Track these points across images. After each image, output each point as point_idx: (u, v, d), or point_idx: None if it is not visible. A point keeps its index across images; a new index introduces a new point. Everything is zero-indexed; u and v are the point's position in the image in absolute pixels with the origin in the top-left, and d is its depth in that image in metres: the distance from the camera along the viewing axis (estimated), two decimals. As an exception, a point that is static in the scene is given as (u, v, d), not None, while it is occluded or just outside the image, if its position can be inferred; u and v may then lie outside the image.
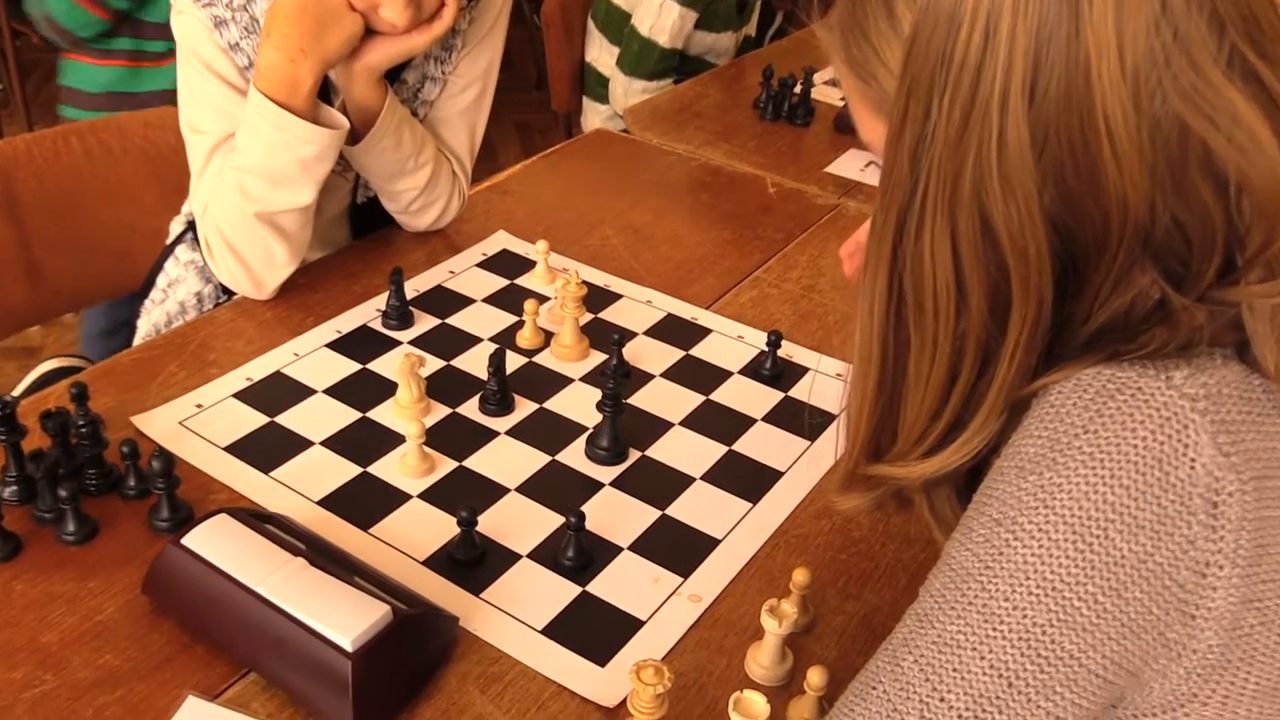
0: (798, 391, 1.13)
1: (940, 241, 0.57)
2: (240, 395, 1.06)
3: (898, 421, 0.64)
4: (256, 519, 0.85)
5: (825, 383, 1.14)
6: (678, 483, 1.00)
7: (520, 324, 1.19)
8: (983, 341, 0.59)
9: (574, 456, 1.02)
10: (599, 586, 0.88)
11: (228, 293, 1.29)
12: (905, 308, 0.60)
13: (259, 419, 1.03)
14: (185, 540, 0.82)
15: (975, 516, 0.57)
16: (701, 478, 1.00)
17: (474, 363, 1.13)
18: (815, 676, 0.76)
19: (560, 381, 1.12)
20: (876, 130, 0.63)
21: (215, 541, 0.81)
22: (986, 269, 0.57)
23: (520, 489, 0.98)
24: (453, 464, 1.00)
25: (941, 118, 0.55)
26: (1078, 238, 0.56)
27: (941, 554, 0.59)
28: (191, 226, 1.32)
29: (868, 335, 0.63)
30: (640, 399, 1.10)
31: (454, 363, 1.14)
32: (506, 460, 1.01)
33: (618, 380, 1.00)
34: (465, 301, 1.24)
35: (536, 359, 1.15)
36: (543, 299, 1.23)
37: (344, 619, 0.75)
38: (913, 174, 0.57)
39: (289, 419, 1.04)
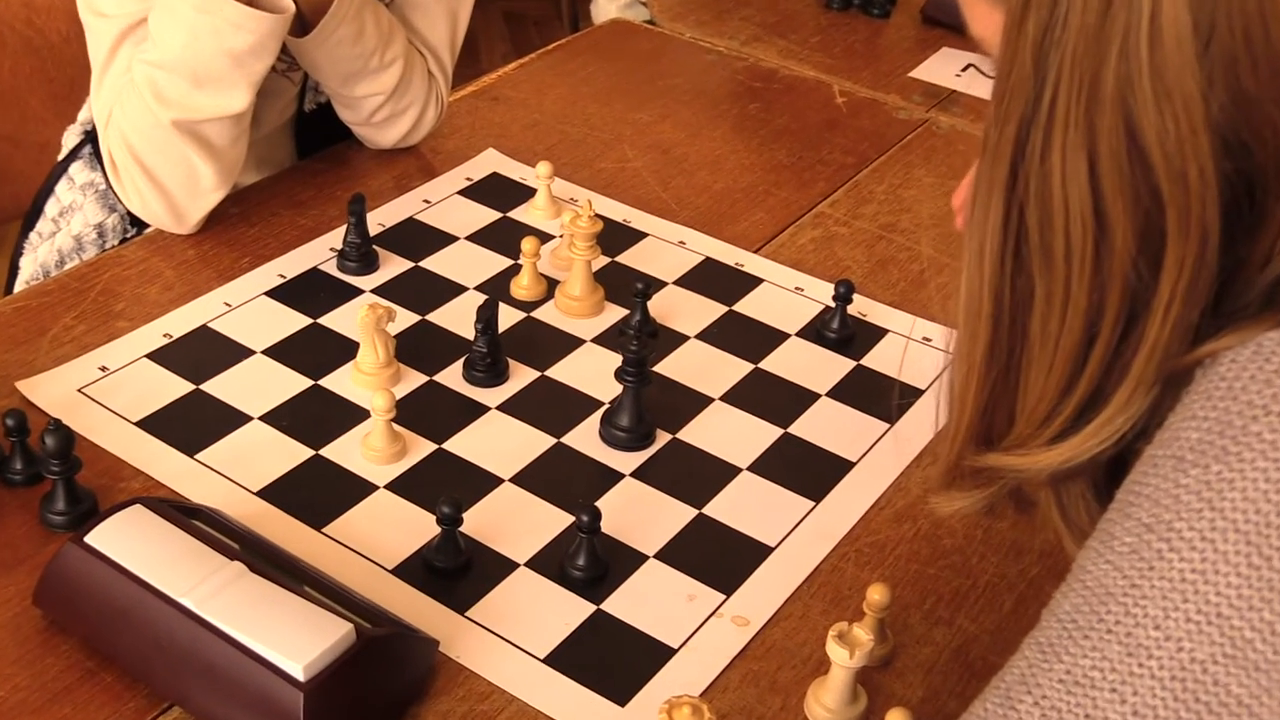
0: (873, 359, 1.12)
1: (1074, 162, 0.57)
2: (156, 356, 1.07)
3: (1015, 398, 0.64)
4: (180, 513, 0.85)
5: (910, 348, 1.14)
6: (718, 474, 1.00)
7: (516, 269, 1.19)
8: (1129, 291, 0.58)
9: (585, 439, 1.02)
10: (618, 604, 0.89)
11: (138, 224, 1.29)
12: (1027, 249, 0.60)
13: (181, 386, 1.04)
14: (89, 538, 0.82)
15: (1118, 520, 0.57)
16: (749, 468, 1.00)
17: (457, 318, 1.13)
18: (896, 722, 0.76)
19: (567, 343, 1.12)
20: (990, 19, 0.62)
21: (128, 540, 0.82)
22: (1134, 196, 0.57)
23: (516, 479, 0.98)
24: (430, 446, 1.00)
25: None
26: (1255, 157, 0.56)
27: (1072, 568, 0.59)
28: (91, 139, 1.32)
29: (977, 286, 0.63)
30: (670, 366, 1.10)
31: (430, 317, 1.14)
32: (499, 442, 1.01)
33: (642, 342, 1.00)
34: (445, 239, 1.24)
35: (537, 313, 1.15)
36: (545, 237, 1.22)
37: (294, 640, 0.75)
38: (1037, 75, 0.57)
39: (219, 387, 1.04)
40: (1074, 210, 0.58)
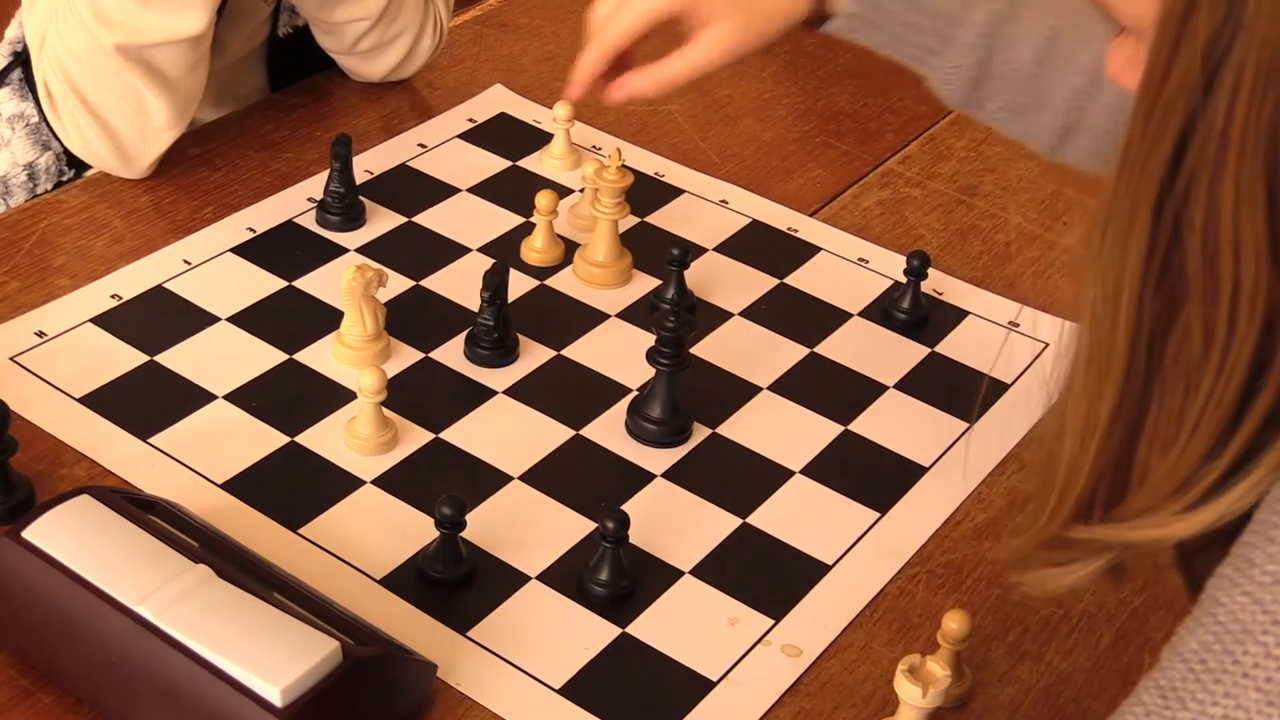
0: (949, 346, 1.13)
1: (1251, 189, 0.56)
2: (103, 321, 1.07)
3: (1143, 462, 0.63)
4: (134, 505, 0.85)
5: (990, 333, 1.14)
6: (766, 477, 1.00)
7: (529, 228, 1.19)
8: None
9: (610, 431, 1.02)
10: (646, 627, 0.89)
11: (76, 164, 1.29)
12: (1179, 287, 0.59)
13: (133, 357, 1.04)
14: (26, 533, 0.82)
15: (1259, 545, 0.57)
16: (802, 471, 1.01)
17: (458, 284, 1.14)
18: (977, 774, 0.76)
19: (589, 317, 1.12)
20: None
21: (73, 535, 0.82)
22: None
23: (527, 477, 0.98)
24: (427, 435, 1.01)
25: None
26: None
27: (1200, 599, 0.59)
28: (21, 61, 1.32)
29: (1108, 331, 0.61)
30: (710, 348, 1.10)
31: (427, 283, 1.14)
32: (507, 433, 1.01)
33: (678, 319, 1.00)
34: (444, 191, 1.24)
35: (552, 281, 1.16)
36: (563, 191, 1.23)
37: (270, 658, 0.76)
38: (1207, 84, 0.56)
39: (177, 359, 1.04)
40: (1246, 244, 0.57)
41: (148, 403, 1.01)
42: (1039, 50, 0.97)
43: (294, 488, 0.96)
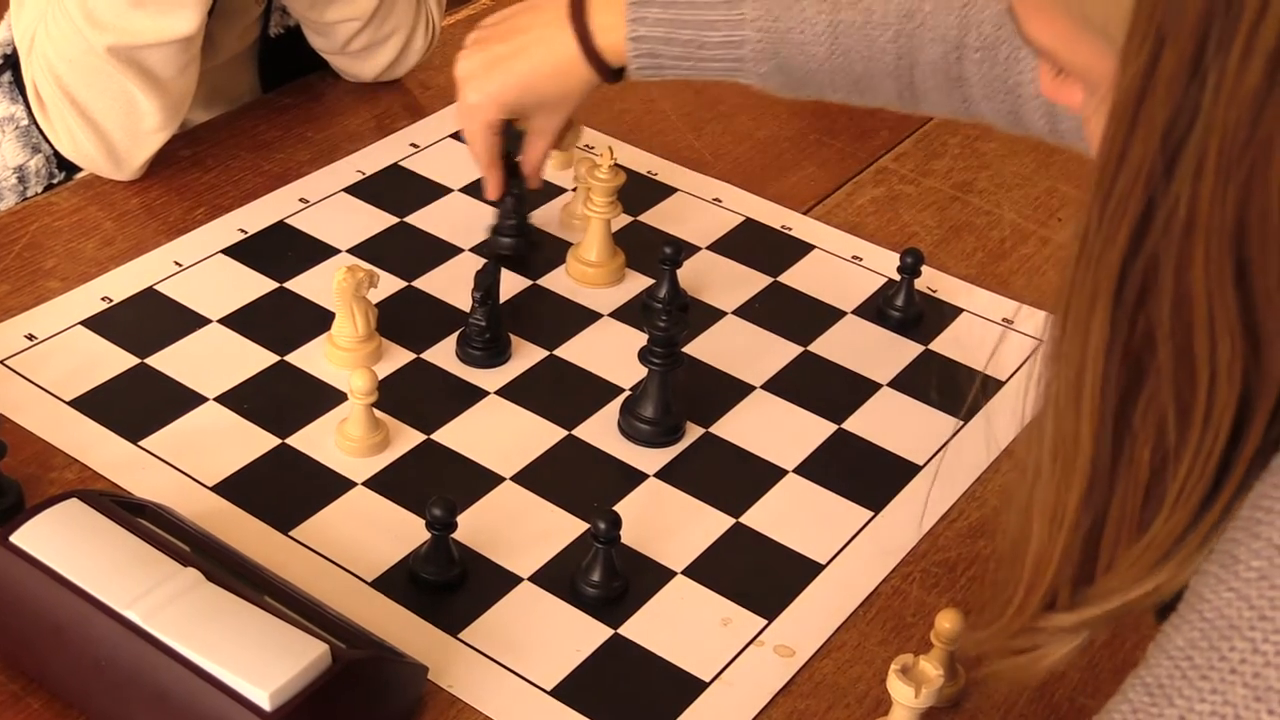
0: (944, 344, 1.13)
1: (1220, 261, 0.55)
2: (94, 323, 1.07)
3: (1100, 547, 0.63)
4: (123, 509, 0.85)
5: (986, 330, 1.14)
6: (759, 476, 1.00)
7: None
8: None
9: (602, 431, 1.02)
10: (639, 628, 0.89)
11: (66, 167, 1.29)
12: (1145, 368, 0.59)
13: (123, 360, 1.04)
14: (15, 537, 0.82)
15: (1243, 540, 0.57)
16: (795, 470, 1.01)
17: (449, 284, 1.14)
18: (970, 774, 0.76)
19: (582, 316, 1.12)
20: (1094, 59, 0.61)
21: (61, 539, 0.82)
22: None
23: (519, 478, 0.98)
24: (418, 436, 1.01)
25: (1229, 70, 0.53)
26: None
27: (1185, 595, 0.59)
28: (10, 63, 1.32)
29: (1072, 424, 0.61)
30: (703, 347, 1.10)
31: (418, 283, 1.14)
32: (499, 433, 1.01)
33: (670, 318, 1.00)
34: (435, 191, 1.24)
35: (544, 280, 1.16)
36: (555, 191, 1.23)
37: (259, 662, 0.76)
38: (1168, 172, 0.55)
39: (168, 361, 1.05)
40: (1221, 325, 0.56)
41: (138, 405, 1.01)
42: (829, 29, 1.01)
43: (285, 490, 0.96)
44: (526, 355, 1.08)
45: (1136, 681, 0.59)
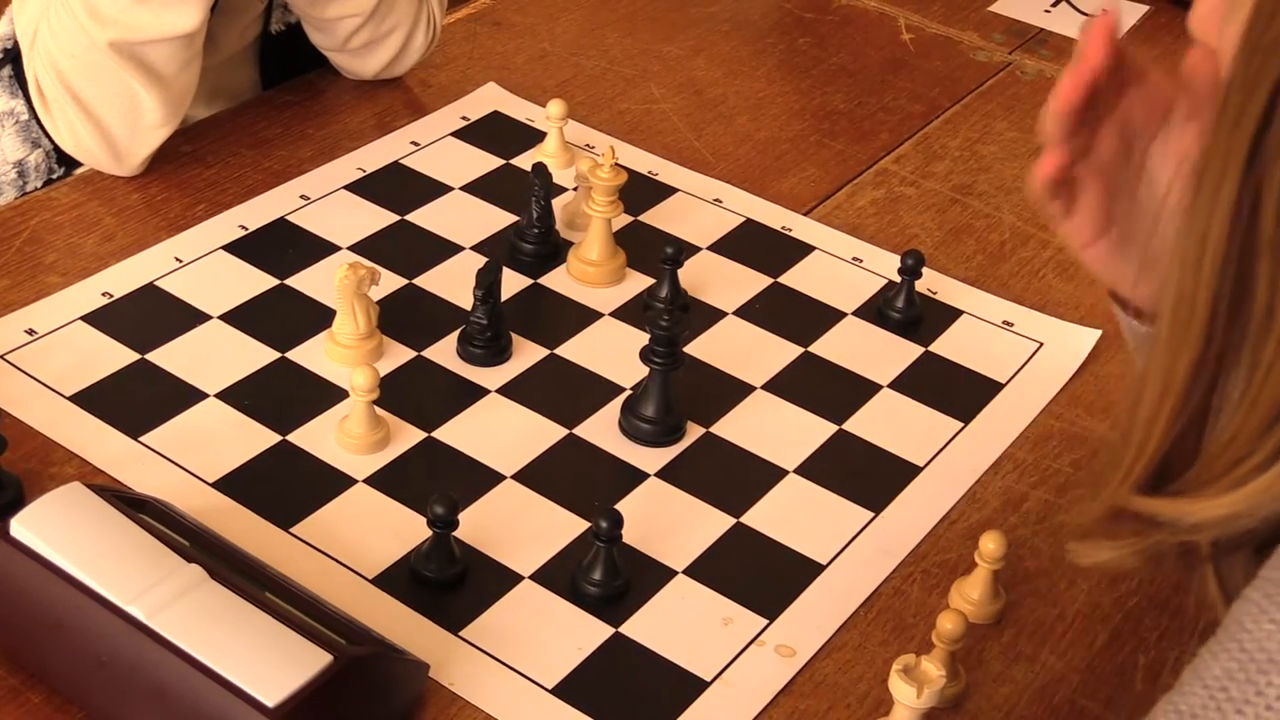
0: (944, 345, 1.13)
1: None
2: (94, 319, 1.07)
3: (1204, 426, 0.63)
4: (124, 504, 0.85)
5: (985, 332, 1.14)
6: (760, 476, 1.00)
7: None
8: None
9: (603, 430, 1.02)
10: (640, 627, 0.89)
11: (66, 162, 1.29)
12: (1262, 244, 0.59)
13: (123, 355, 1.04)
14: (15, 527, 0.82)
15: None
16: (796, 470, 1.01)
17: (450, 283, 1.14)
18: (972, 775, 0.76)
19: (583, 315, 1.12)
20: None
21: (62, 530, 0.81)
22: None
23: (520, 476, 0.98)
24: (419, 434, 1.01)
25: None
26: None
27: (1224, 622, 0.58)
28: (11, 58, 1.32)
29: (1191, 285, 0.61)
30: (703, 347, 1.10)
31: (419, 281, 1.14)
32: (500, 432, 1.01)
33: (671, 317, 1.00)
34: (436, 189, 1.24)
35: (545, 279, 1.16)
36: (556, 190, 1.22)
37: (263, 662, 0.75)
38: None
39: (168, 357, 1.04)
40: None
41: (138, 401, 1.00)
42: None
43: (286, 487, 0.96)
44: (527, 354, 1.08)
45: (1169, 707, 0.58)
